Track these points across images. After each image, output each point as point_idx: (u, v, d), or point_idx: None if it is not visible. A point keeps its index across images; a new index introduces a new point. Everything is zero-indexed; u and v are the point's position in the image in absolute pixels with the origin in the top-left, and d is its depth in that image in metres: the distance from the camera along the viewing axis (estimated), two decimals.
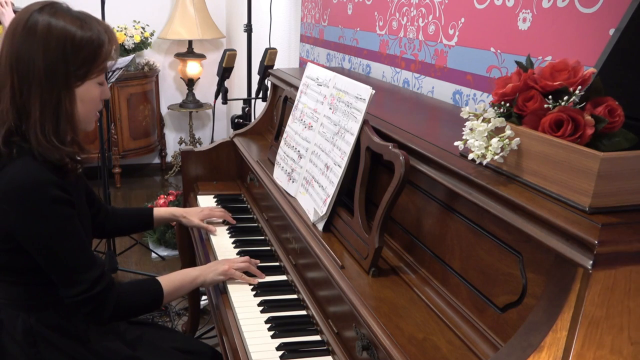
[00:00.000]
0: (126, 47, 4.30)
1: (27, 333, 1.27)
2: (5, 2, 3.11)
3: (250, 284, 1.51)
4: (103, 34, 1.24)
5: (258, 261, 1.59)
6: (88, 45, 1.22)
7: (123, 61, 2.86)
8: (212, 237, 1.82)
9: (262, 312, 1.39)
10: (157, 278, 1.39)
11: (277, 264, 1.63)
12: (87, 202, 1.49)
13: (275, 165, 1.77)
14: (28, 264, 1.25)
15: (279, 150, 1.76)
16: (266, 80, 2.62)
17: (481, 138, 0.96)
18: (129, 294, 1.32)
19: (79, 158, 1.29)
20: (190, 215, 1.81)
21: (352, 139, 1.34)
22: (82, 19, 1.23)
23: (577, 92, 0.87)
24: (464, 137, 1.01)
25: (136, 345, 1.42)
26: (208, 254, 1.75)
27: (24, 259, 1.24)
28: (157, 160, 5.02)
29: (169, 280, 1.41)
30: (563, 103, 0.87)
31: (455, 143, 1.04)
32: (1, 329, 1.29)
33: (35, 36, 1.19)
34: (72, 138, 1.27)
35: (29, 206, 1.18)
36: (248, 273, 1.53)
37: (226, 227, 1.88)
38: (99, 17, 3.06)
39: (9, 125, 1.21)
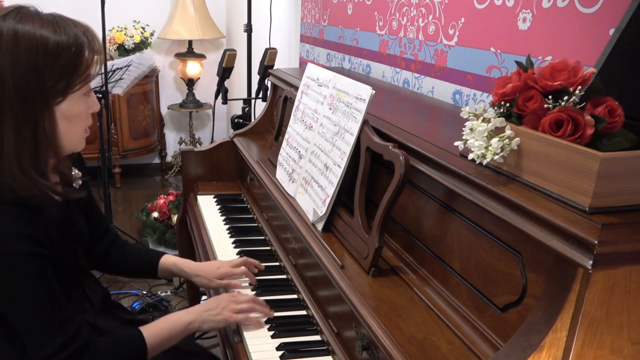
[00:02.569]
0: (126, 47, 4.30)
1: None
2: None
3: (260, 317, 1.34)
4: (81, 36, 1.07)
5: (264, 303, 1.36)
6: (65, 52, 1.04)
7: (122, 61, 2.86)
8: (212, 237, 1.82)
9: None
10: (141, 330, 1.21)
11: (277, 264, 1.63)
12: (89, 225, 1.35)
13: (278, 166, 1.77)
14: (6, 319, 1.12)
15: (281, 151, 1.76)
16: (266, 80, 2.62)
17: (481, 138, 0.96)
18: (108, 355, 1.15)
19: (61, 191, 1.14)
20: (203, 274, 1.50)
21: (351, 139, 1.34)
22: (54, 21, 1.05)
23: (577, 92, 0.87)
24: (464, 137, 1.01)
25: None
26: (208, 254, 1.75)
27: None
28: (157, 160, 5.03)
29: (155, 332, 1.22)
30: (563, 103, 0.87)
31: (455, 143, 1.04)
32: None
33: (1, 48, 1.01)
34: (55, 166, 1.13)
35: None
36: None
37: (226, 226, 1.88)
38: (99, 17, 3.09)
39: None
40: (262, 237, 1.80)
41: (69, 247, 1.22)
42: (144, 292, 2.93)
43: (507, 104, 0.95)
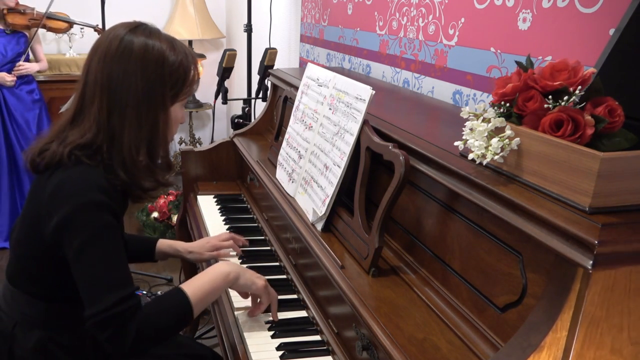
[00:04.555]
0: None
1: (37, 349, 1.23)
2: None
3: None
4: (190, 57, 1.26)
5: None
6: (180, 67, 1.23)
7: None
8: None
9: (262, 312, 1.39)
10: (182, 287, 1.22)
11: (277, 264, 1.63)
12: None
13: (278, 166, 1.77)
14: (56, 278, 1.21)
15: (281, 151, 1.76)
16: (266, 80, 2.62)
17: (481, 138, 0.96)
18: (153, 315, 1.16)
19: (162, 181, 1.28)
20: (195, 250, 1.63)
21: (351, 140, 1.34)
22: (172, 41, 1.25)
23: (577, 92, 0.87)
24: (464, 137, 1.01)
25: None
26: None
27: (53, 271, 1.21)
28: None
29: (196, 287, 1.22)
30: (563, 103, 0.87)
31: (455, 143, 1.04)
32: (13, 342, 1.25)
33: (131, 57, 1.18)
34: (164, 159, 1.29)
35: (75, 206, 1.13)
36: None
37: (226, 226, 1.88)
38: (99, 17, 3.09)
39: (85, 140, 1.18)
40: (262, 237, 1.80)
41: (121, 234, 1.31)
42: (144, 292, 2.93)
43: (507, 104, 0.95)
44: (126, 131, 1.19)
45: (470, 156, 0.99)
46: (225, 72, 2.67)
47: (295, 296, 1.46)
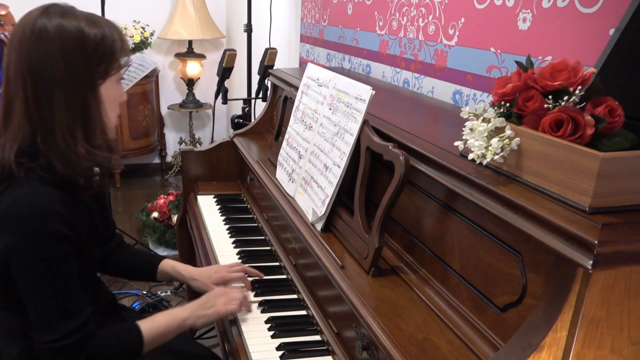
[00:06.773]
0: None
1: (21, 357, 1.20)
2: None
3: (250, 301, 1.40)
4: (113, 30, 1.20)
5: (250, 305, 1.41)
6: (103, 42, 1.17)
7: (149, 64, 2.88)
8: (212, 237, 1.82)
9: (262, 312, 1.39)
10: (138, 324, 1.24)
11: (277, 264, 1.63)
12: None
13: (278, 166, 1.77)
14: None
15: (281, 151, 1.76)
16: (266, 80, 2.62)
17: (481, 138, 0.96)
18: (104, 348, 1.18)
19: (105, 165, 1.22)
20: (201, 278, 1.53)
21: (351, 140, 1.34)
22: (90, 17, 1.19)
23: (577, 92, 0.87)
24: (464, 137, 1.01)
25: None
26: (208, 254, 1.75)
27: (16, 287, 1.14)
28: (157, 160, 5.02)
29: (152, 327, 1.25)
30: (563, 103, 0.87)
31: (455, 143, 1.04)
32: None
33: (48, 40, 1.12)
34: (104, 142, 1.21)
35: (25, 235, 1.08)
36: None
37: (226, 226, 1.88)
38: None
39: (21, 142, 1.13)
40: (262, 237, 1.80)
41: (90, 241, 1.26)
42: (144, 292, 2.93)
43: (507, 104, 0.95)
44: (57, 118, 1.13)
45: (470, 156, 0.99)
46: (225, 72, 2.67)
47: (295, 296, 1.46)
